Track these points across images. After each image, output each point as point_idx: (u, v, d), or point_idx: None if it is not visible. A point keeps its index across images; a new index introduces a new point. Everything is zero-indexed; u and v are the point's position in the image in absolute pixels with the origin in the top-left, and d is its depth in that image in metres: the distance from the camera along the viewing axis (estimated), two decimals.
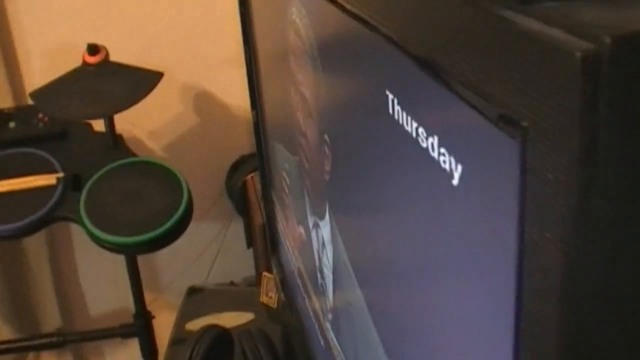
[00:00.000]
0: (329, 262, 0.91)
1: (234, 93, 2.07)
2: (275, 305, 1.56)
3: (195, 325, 1.51)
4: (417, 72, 0.47)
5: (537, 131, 0.30)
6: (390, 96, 0.54)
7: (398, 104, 0.52)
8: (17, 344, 2.04)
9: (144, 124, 2.08)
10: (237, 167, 2.13)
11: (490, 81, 0.35)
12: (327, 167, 0.80)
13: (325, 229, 0.89)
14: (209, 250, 2.20)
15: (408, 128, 0.51)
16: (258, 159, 1.44)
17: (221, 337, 1.37)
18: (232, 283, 2.13)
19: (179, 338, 1.53)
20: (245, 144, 2.10)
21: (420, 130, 0.48)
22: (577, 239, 0.29)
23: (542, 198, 0.31)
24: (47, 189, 1.71)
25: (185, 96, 2.10)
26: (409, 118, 0.50)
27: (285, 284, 1.39)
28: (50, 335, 1.97)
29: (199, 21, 1.99)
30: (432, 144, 0.46)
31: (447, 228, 0.47)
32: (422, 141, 0.48)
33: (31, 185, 1.71)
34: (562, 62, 0.27)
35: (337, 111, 0.74)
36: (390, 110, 0.54)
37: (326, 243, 0.90)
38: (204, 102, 2.11)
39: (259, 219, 1.86)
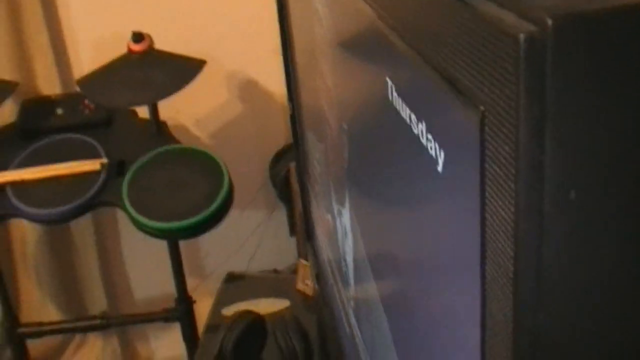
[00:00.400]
0: (350, 250, 0.91)
1: (278, 81, 2.08)
2: (310, 293, 1.57)
3: (231, 310, 1.53)
4: (403, 58, 0.48)
5: (494, 115, 0.30)
6: (390, 83, 0.54)
7: (395, 90, 0.53)
8: (63, 325, 2.09)
9: (189, 111, 2.10)
10: (281, 155, 2.14)
11: (455, 65, 0.35)
12: (345, 155, 0.81)
13: (345, 217, 0.90)
14: (252, 237, 2.22)
15: (404, 114, 0.51)
16: (294, 149, 1.45)
17: (254, 324, 1.38)
18: (275, 270, 2.15)
19: (214, 324, 1.55)
20: (289, 133, 2.11)
21: (412, 116, 0.49)
22: (527, 222, 0.29)
23: (498, 182, 0.31)
24: (91, 175, 1.74)
25: (231, 85, 2.12)
26: (404, 105, 0.51)
27: (319, 272, 1.39)
28: (95, 317, 2.01)
29: (243, 10, 2.01)
30: (422, 131, 0.46)
31: (438, 217, 0.47)
32: (414, 128, 0.48)
33: (76, 170, 1.74)
34: (507, 44, 0.27)
35: (351, 100, 0.75)
36: (390, 97, 0.54)
37: (347, 231, 0.91)
38: (248, 91, 2.12)
39: (300, 207, 1.88)
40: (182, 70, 1.77)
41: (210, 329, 1.56)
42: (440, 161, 0.43)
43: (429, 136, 0.45)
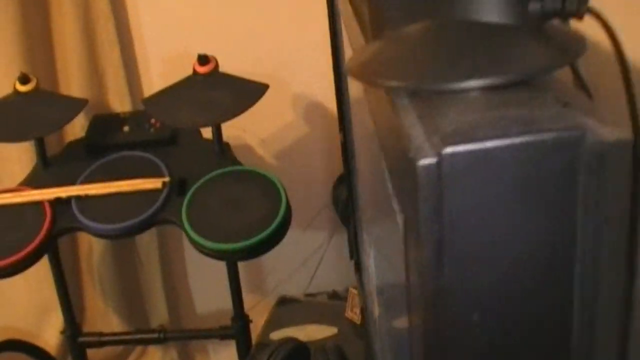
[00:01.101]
0: (374, 283, 0.91)
1: None
2: (358, 322, 1.57)
3: (278, 335, 1.54)
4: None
5: (409, 225, 0.31)
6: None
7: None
8: (122, 337, 2.14)
9: (255, 131, 2.13)
10: (344, 177, 2.15)
11: (392, 175, 0.35)
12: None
13: (372, 250, 0.90)
14: (313, 258, 2.23)
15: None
16: (345, 176, 1.46)
17: (297, 351, 1.39)
18: (334, 292, 2.15)
19: (261, 347, 1.57)
20: None
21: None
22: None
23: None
24: (153, 192, 1.77)
25: (297, 106, 2.14)
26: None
27: (365, 302, 1.39)
28: (153, 331, 2.05)
29: (309, 34, 2.02)
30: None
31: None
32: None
33: (138, 187, 1.78)
34: (411, 167, 0.27)
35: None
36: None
37: (372, 264, 0.91)
38: (314, 113, 2.14)
39: None
40: (245, 93, 1.80)
41: (256, 352, 1.57)
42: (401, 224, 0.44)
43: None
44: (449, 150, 0.25)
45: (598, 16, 0.31)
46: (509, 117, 0.26)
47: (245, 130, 2.10)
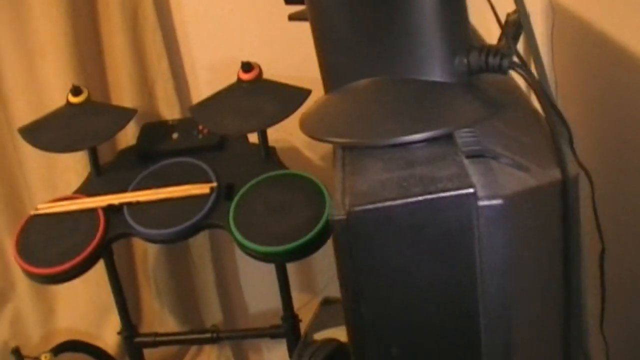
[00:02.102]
0: None
1: None
2: None
3: (321, 335, 1.58)
4: None
5: None
6: None
7: None
8: (176, 337, 2.21)
9: (300, 134, 2.16)
10: None
11: None
12: None
13: None
14: None
15: None
16: None
17: (338, 351, 1.43)
18: None
19: (304, 347, 1.61)
20: None
21: None
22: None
23: None
24: (201, 198, 1.83)
25: None
26: None
27: None
28: (206, 331, 2.11)
29: None
30: None
31: None
32: None
33: (187, 193, 1.83)
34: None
35: None
36: None
37: None
38: None
39: None
40: (288, 98, 1.84)
41: (298, 352, 1.61)
42: None
43: None
44: (357, 209, 0.29)
45: (520, 71, 0.34)
46: (415, 176, 0.29)
47: (292, 134, 2.14)
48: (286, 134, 2.10)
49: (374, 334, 0.31)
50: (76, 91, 1.89)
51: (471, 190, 0.28)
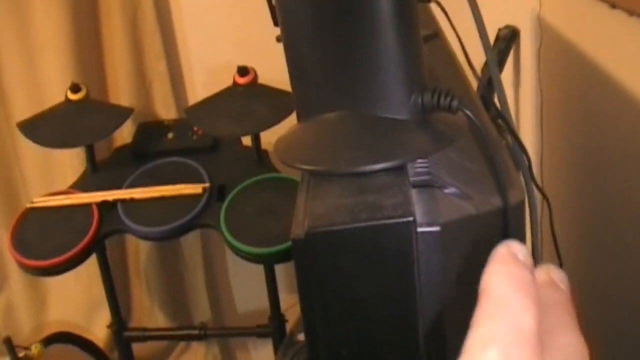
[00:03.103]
0: None
1: None
2: None
3: (304, 336, 1.62)
4: None
5: None
6: None
7: None
8: (165, 333, 2.25)
9: None
10: None
11: None
12: None
13: None
14: None
15: None
16: None
17: None
18: None
19: (288, 346, 1.64)
20: None
21: None
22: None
23: None
24: (193, 197, 1.86)
25: None
26: None
27: None
28: (194, 328, 2.15)
29: None
30: None
31: None
32: None
33: (180, 192, 1.87)
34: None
35: None
36: None
37: None
38: None
39: None
40: (281, 104, 1.87)
41: (283, 351, 1.65)
42: None
43: None
44: (313, 230, 0.33)
45: (465, 112, 0.38)
46: (365, 203, 0.34)
47: None
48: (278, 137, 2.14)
49: (326, 339, 0.36)
50: (75, 88, 1.93)
51: (411, 218, 0.33)
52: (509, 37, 1.86)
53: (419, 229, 0.33)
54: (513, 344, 0.32)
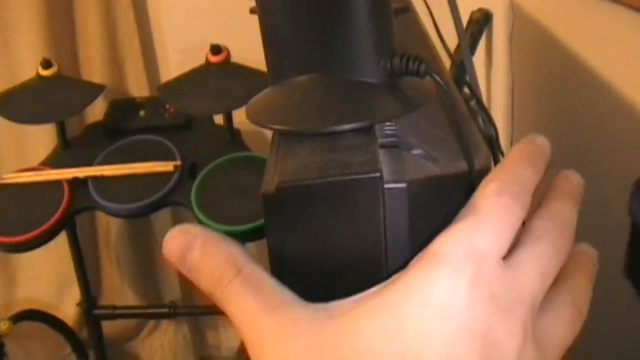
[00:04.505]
0: None
1: None
2: None
3: None
4: None
5: None
6: None
7: None
8: (134, 311, 2.26)
9: None
10: None
11: None
12: None
13: None
14: None
15: None
16: None
17: None
18: None
19: None
20: None
21: None
22: None
23: None
24: (165, 175, 1.86)
25: None
26: None
27: None
28: (164, 306, 2.16)
29: None
30: None
31: None
32: None
33: (151, 170, 1.87)
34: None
35: None
36: None
37: None
38: None
39: None
40: (254, 83, 1.88)
41: None
42: None
43: None
44: (283, 185, 0.34)
45: (433, 76, 0.40)
46: (334, 161, 0.35)
47: None
48: None
49: (293, 291, 0.37)
50: (47, 64, 1.92)
51: (378, 174, 0.34)
52: (482, 20, 1.87)
53: (386, 185, 0.34)
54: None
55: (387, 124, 0.40)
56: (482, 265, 0.34)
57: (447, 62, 0.72)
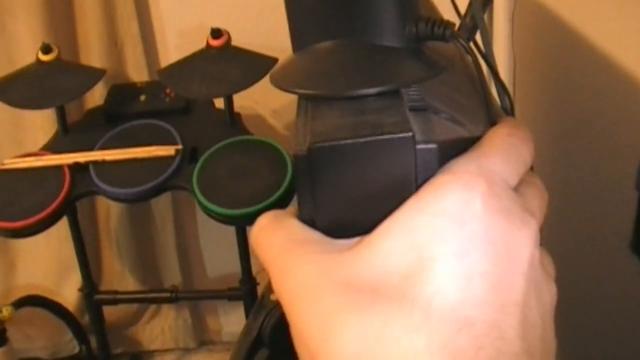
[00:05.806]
0: None
1: None
2: None
3: (276, 296, 1.63)
4: None
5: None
6: None
7: None
8: (136, 296, 2.26)
9: (266, 102, 2.22)
10: None
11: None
12: None
13: None
14: None
15: None
16: None
17: None
18: None
19: (260, 308, 1.66)
20: None
21: None
22: None
23: None
24: (166, 159, 1.86)
25: None
26: None
27: None
28: (165, 291, 2.17)
29: None
30: None
31: None
32: None
33: (152, 154, 1.87)
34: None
35: None
36: None
37: None
38: None
39: None
40: (255, 67, 1.88)
41: (256, 312, 1.66)
42: None
43: None
44: (315, 145, 0.34)
45: (459, 40, 0.40)
46: (365, 122, 0.35)
47: (257, 102, 2.19)
48: (252, 101, 2.15)
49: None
50: (46, 49, 1.91)
51: (410, 134, 0.34)
52: (483, 1, 1.87)
53: (417, 146, 0.35)
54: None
55: (412, 88, 0.40)
56: (493, 183, 0.35)
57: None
